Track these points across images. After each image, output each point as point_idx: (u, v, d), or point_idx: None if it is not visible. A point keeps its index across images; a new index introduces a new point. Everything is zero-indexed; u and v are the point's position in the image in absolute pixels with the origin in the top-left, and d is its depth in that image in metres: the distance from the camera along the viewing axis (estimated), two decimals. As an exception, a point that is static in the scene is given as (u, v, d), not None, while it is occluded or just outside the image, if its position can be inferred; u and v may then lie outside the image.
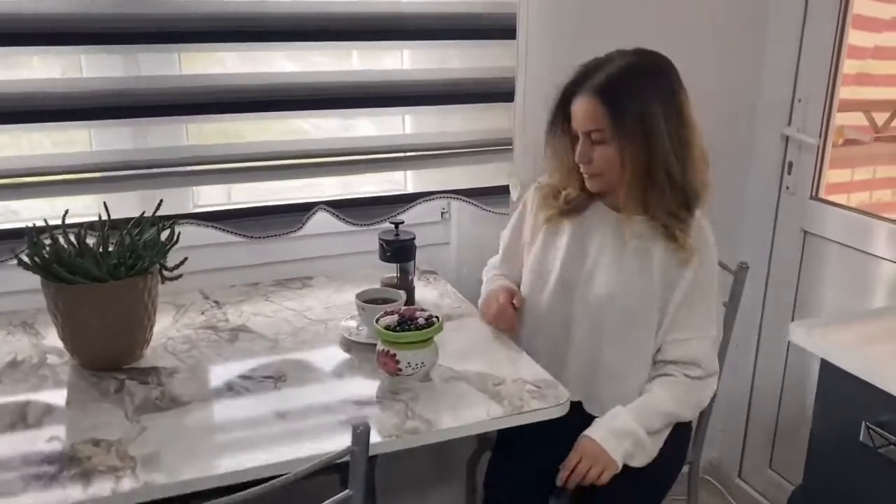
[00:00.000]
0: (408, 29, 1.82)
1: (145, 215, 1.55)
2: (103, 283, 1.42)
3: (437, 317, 1.45)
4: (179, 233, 1.58)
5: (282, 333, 1.68)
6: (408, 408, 1.38)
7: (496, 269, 1.91)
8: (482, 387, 1.45)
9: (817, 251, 2.18)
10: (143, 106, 1.67)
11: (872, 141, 2.35)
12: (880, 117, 2.36)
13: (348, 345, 1.62)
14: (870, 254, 2.00)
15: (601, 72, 1.53)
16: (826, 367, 1.49)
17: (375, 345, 1.47)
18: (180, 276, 1.58)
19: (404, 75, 1.91)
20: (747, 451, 2.50)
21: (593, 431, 1.53)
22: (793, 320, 2.24)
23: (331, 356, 1.58)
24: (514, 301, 1.72)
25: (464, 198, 1.99)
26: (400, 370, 1.43)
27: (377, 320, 1.46)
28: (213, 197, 1.93)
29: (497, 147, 1.96)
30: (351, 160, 1.88)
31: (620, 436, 1.52)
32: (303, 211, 1.87)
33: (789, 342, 1.67)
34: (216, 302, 1.85)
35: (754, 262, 2.10)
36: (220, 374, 1.50)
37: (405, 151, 1.94)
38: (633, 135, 1.50)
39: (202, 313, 1.79)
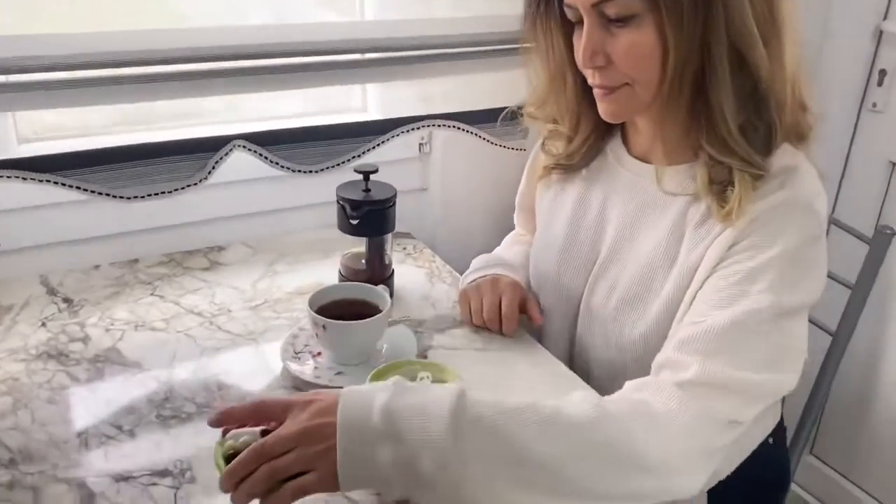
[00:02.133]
0: None
1: None
2: None
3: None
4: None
5: (181, 363, 1.00)
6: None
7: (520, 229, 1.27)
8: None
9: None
10: None
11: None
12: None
13: (298, 384, 0.96)
14: None
15: None
16: None
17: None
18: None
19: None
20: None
21: (349, 396, 0.71)
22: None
23: (271, 411, 0.92)
24: (529, 310, 1.08)
25: (460, 124, 1.31)
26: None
27: (373, 378, 0.82)
28: (48, 127, 1.18)
29: (510, 46, 1.26)
30: (277, 65, 1.14)
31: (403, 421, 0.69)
32: (209, 150, 1.13)
33: None
34: (67, 300, 1.14)
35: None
36: (70, 473, 0.82)
37: (364, 51, 1.22)
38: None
39: (42, 324, 1.07)
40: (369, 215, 1.09)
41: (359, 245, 1.14)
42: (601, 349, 0.99)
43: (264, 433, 0.75)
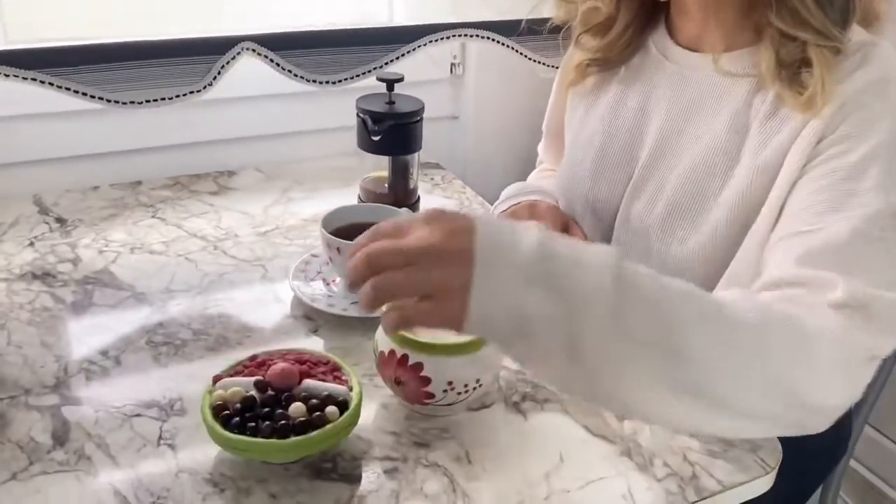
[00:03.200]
0: None
1: None
2: None
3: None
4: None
5: (179, 288, 0.89)
6: (452, 484, 0.63)
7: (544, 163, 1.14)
8: (596, 423, 0.71)
9: None
10: None
11: None
12: None
13: (309, 313, 0.85)
14: None
15: None
16: None
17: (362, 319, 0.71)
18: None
19: None
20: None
21: (489, 226, 0.55)
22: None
23: (278, 341, 0.81)
24: (573, 235, 0.92)
25: (495, 36, 1.17)
26: (430, 396, 0.67)
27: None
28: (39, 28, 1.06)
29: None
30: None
31: (542, 264, 0.53)
32: (213, 54, 1.01)
33: None
34: (60, 220, 1.03)
35: None
36: (44, 400, 0.71)
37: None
38: None
39: (30, 244, 0.97)
40: (393, 131, 0.96)
41: (381, 169, 1.02)
42: None
43: (258, 384, 0.64)
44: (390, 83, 0.96)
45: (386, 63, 1.09)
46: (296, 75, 1.04)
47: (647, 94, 0.87)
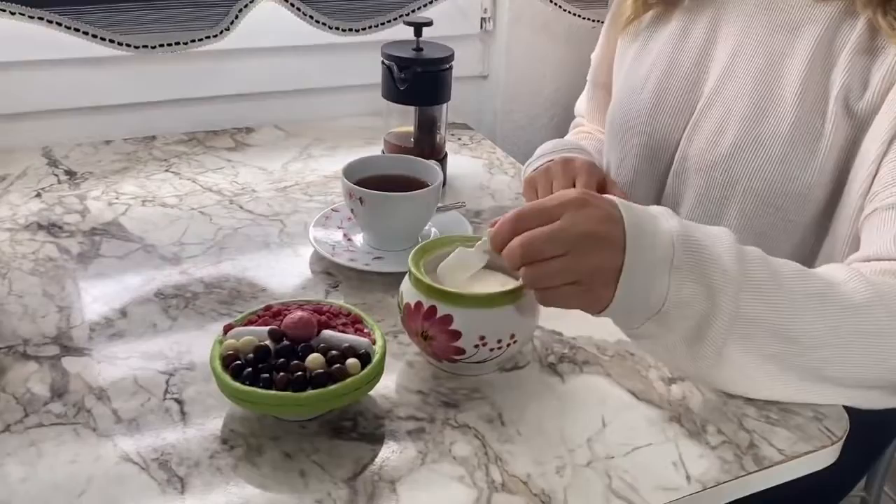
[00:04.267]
0: None
1: None
2: None
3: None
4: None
5: (192, 241, 0.84)
6: (484, 446, 0.57)
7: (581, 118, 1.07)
8: (641, 388, 0.65)
9: None
10: None
11: None
12: None
13: (328, 268, 0.80)
14: None
15: None
16: None
17: (385, 275, 0.66)
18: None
19: None
20: None
21: (631, 210, 0.57)
22: None
23: (295, 297, 0.75)
24: (610, 193, 0.84)
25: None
26: (460, 352, 0.61)
27: (419, 253, 0.64)
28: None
29: None
30: None
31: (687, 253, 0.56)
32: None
33: None
34: (70, 173, 0.98)
35: None
36: (43, 350, 0.66)
37: None
38: None
39: (37, 195, 0.92)
40: (420, 79, 0.90)
41: (406, 120, 0.96)
42: (698, 218, 0.79)
43: (272, 334, 0.59)
44: (418, 27, 0.90)
45: (413, 11, 1.03)
46: (317, 21, 0.98)
47: (715, 21, 0.80)
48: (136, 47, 0.91)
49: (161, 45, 0.92)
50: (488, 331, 0.60)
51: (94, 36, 0.89)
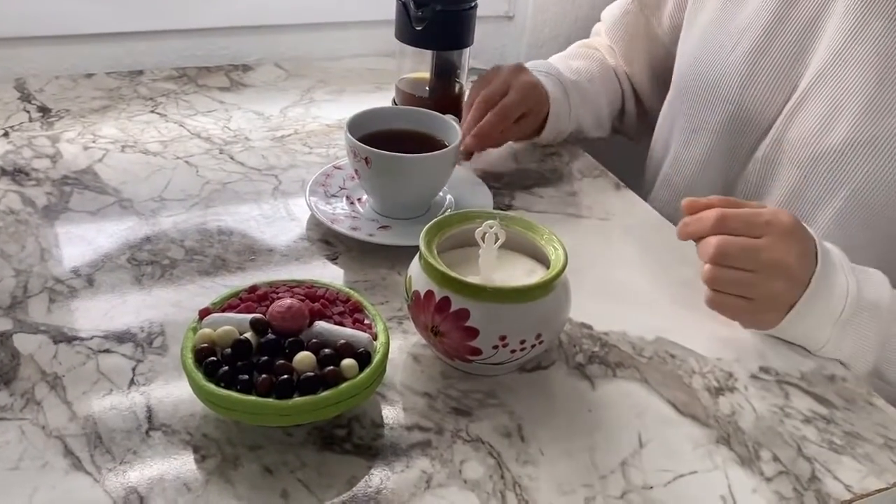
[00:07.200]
0: None
1: None
2: None
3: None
4: None
5: (175, 196, 0.74)
6: (500, 468, 0.49)
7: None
8: (684, 399, 0.56)
9: None
10: None
11: None
12: None
13: (327, 236, 0.70)
14: None
15: None
16: None
17: (392, 248, 0.58)
18: None
19: None
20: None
21: (827, 258, 0.58)
22: None
23: (288, 269, 0.66)
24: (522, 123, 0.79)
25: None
26: (476, 352, 0.52)
27: (432, 230, 0.55)
28: None
29: None
30: None
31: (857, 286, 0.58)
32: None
33: None
34: (44, 109, 0.88)
35: None
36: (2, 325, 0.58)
37: None
38: None
39: (4, 134, 0.82)
40: (439, 19, 0.79)
41: (421, 63, 0.85)
42: None
43: (256, 325, 0.49)
44: (439, -40, 0.78)
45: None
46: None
47: (822, 16, 0.68)
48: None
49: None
50: (510, 330, 0.51)
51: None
